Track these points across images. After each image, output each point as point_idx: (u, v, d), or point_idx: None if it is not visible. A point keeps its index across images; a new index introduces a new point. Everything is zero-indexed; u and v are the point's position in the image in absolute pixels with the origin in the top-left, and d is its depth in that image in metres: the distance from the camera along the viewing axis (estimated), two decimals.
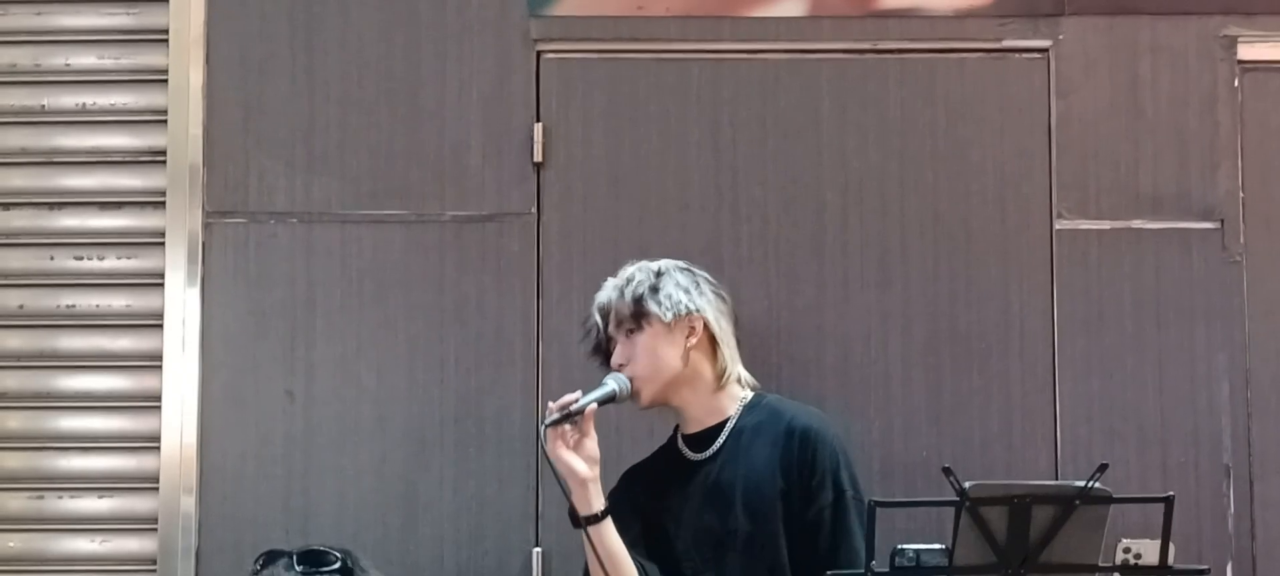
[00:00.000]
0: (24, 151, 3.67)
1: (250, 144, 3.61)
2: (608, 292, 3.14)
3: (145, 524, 3.57)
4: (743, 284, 3.54)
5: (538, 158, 3.58)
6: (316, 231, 3.59)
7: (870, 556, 2.60)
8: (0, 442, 3.62)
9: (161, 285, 3.61)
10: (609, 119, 3.60)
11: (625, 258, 3.54)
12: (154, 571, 3.54)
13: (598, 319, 3.14)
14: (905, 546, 2.60)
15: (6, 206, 3.66)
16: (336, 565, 3.01)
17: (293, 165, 3.61)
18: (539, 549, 3.50)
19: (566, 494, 2.99)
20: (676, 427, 3.20)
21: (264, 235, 3.60)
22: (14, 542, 3.59)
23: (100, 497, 3.59)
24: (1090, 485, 2.55)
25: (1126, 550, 2.62)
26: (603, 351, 3.15)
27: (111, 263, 3.64)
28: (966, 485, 2.56)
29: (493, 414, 3.54)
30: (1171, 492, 2.60)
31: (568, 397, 2.98)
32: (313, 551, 3.03)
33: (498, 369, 3.55)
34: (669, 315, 3.06)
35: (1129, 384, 3.51)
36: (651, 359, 3.06)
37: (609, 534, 2.97)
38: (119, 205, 3.65)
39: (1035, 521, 2.56)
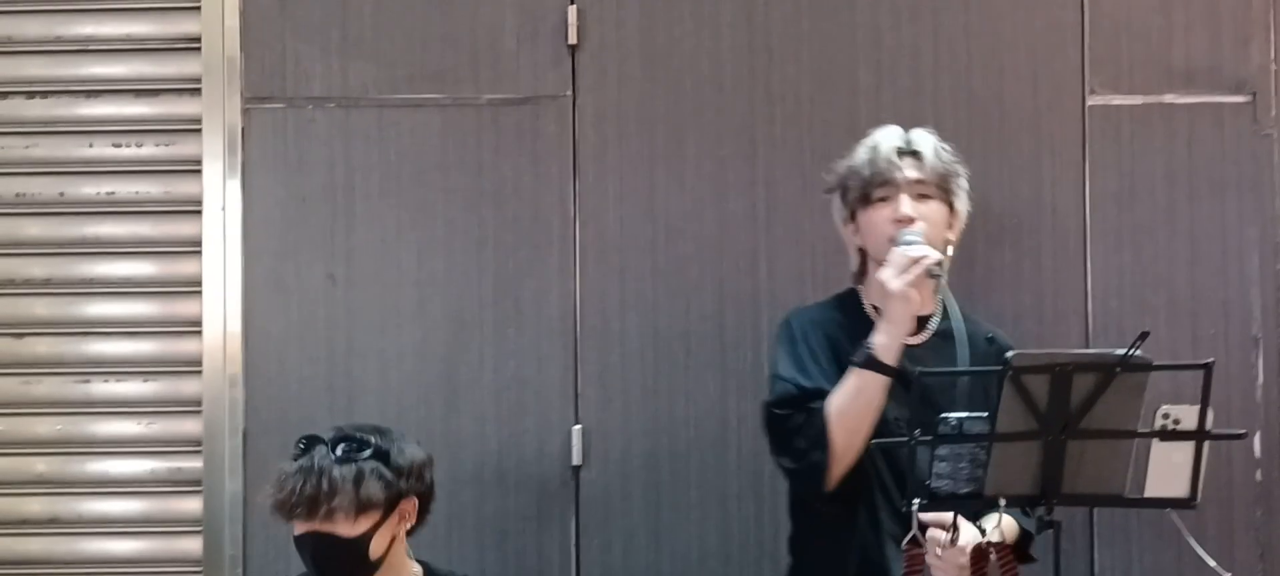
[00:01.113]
0: (58, 40, 3.69)
1: (286, 29, 3.63)
2: (911, 143, 3.05)
3: (190, 405, 3.63)
4: (777, 164, 3.57)
5: (572, 40, 3.60)
6: (354, 116, 3.62)
7: (914, 427, 2.65)
8: (44, 328, 3.67)
9: (199, 171, 3.64)
10: (643, 0, 3.61)
11: (660, 138, 3.60)
12: (200, 451, 3.61)
13: (895, 158, 3.03)
14: (948, 414, 2.65)
15: (45, 95, 3.69)
16: (369, 451, 3.03)
17: (329, 50, 3.63)
18: (579, 426, 3.56)
19: (866, 342, 2.95)
20: (854, 294, 3.12)
21: (302, 121, 3.63)
22: (60, 425, 3.65)
23: (145, 381, 3.65)
24: (1131, 352, 2.60)
25: (1166, 416, 2.66)
26: (867, 189, 3.03)
27: (149, 150, 3.68)
28: (1008, 354, 2.61)
29: (531, 294, 3.59)
30: (1211, 359, 2.65)
31: (930, 253, 2.91)
32: (347, 437, 3.05)
33: (535, 250, 3.59)
34: (960, 206, 3.06)
35: (1160, 257, 3.55)
36: (938, 231, 3.01)
37: (886, 388, 2.93)
38: (155, 93, 3.68)
39: (1076, 389, 2.61)
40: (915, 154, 3.04)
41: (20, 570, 3.64)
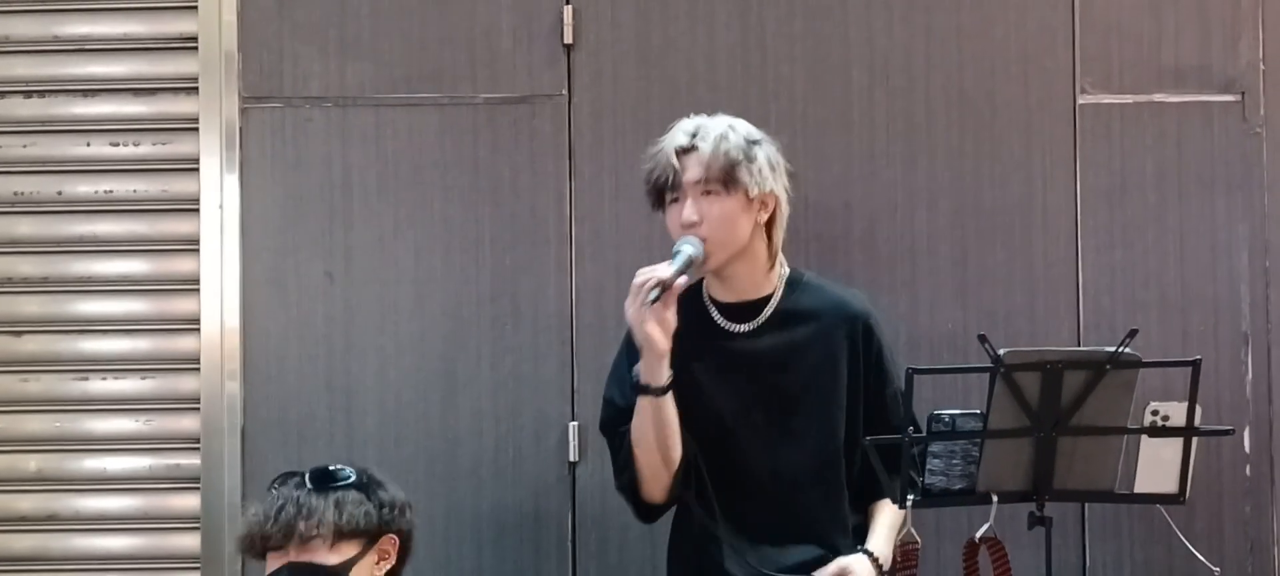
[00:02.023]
0: (55, 39, 3.71)
1: (284, 29, 3.65)
2: (693, 139, 2.98)
3: (188, 402, 3.65)
4: None
5: (568, 39, 3.62)
6: (351, 115, 3.65)
7: (907, 422, 2.68)
8: (42, 326, 3.69)
9: (196, 170, 3.66)
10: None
11: (656, 136, 3.56)
12: (198, 448, 3.63)
13: (673, 160, 2.97)
14: (941, 411, 2.68)
15: (42, 94, 3.71)
16: (350, 480, 2.95)
17: (326, 50, 3.65)
18: (575, 422, 3.59)
19: (629, 364, 2.98)
20: (698, 286, 3.08)
21: (300, 120, 3.65)
22: (58, 422, 3.67)
23: (143, 378, 3.67)
24: (1121, 350, 2.63)
25: (1155, 412, 2.70)
26: (661, 193, 3.00)
27: (146, 148, 3.70)
28: (1001, 352, 2.64)
29: (528, 292, 3.61)
30: (1198, 357, 2.68)
31: (658, 272, 2.87)
32: (324, 469, 2.97)
33: (532, 248, 3.62)
34: (755, 190, 2.96)
35: (1150, 254, 3.58)
36: (728, 226, 2.95)
37: (670, 404, 2.95)
38: (152, 92, 3.70)
39: (1067, 386, 2.65)
40: (695, 149, 2.97)
41: (18, 567, 3.66)
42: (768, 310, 3.04)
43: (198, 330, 3.64)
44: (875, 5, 3.62)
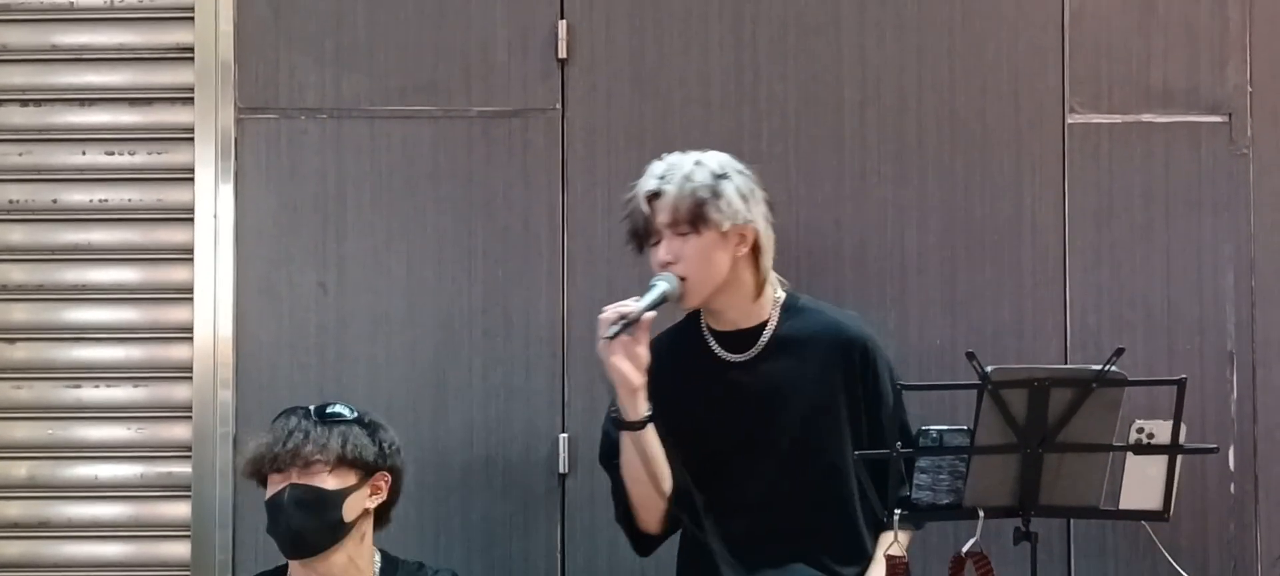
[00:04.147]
0: (53, 48, 3.73)
1: (280, 41, 3.67)
2: (660, 183, 3.01)
3: (180, 411, 3.66)
4: (763, 178, 3.57)
5: (562, 54, 3.65)
6: (346, 127, 3.67)
7: (899, 437, 2.70)
8: (36, 334, 3.70)
9: (191, 179, 3.68)
10: (632, 15, 3.66)
11: (648, 152, 3.60)
12: (189, 456, 3.64)
13: (644, 206, 3.01)
14: (929, 427, 2.70)
15: (38, 103, 3.73)
16: (353, 416, 3.15)
17: (322, 61, 3.67)
18: (565, 434, 3.61)
19: (612, 398, 2.98)
20: (696, 316, 3.14)
21: (295, 131, 3.67)
22: (50, 429, 3.68)
23: (135, 386, 3.69)
24: (1107, 368, 2.66)
25: (1140, 430, 2.72)
26: (640, 238, 3.04)
27: (142, 158, 3.71)
28: (988, 369, 2.67)
29: (519, 304, 3.63)
30: (1184, 376, 2.71)
31: (624, 307, 2.91)
32: (329, 406, 3.18)
33: (524, 261, 3.64)
34: (726, 225, 2.97)
35: (1137, 274, 3.61)
36: (704, 264, 2.98)
37: (652, 437, 2.96)
38: (148, 101, 3.72)
39: (1053, 403, 2.67)
40: (663, 193, 2.99)
41: (9, 573, 3.66)
42: (764, 338, 3.06)
43: (191, 339, 3.66)
44: (867, 25, 3.64)
